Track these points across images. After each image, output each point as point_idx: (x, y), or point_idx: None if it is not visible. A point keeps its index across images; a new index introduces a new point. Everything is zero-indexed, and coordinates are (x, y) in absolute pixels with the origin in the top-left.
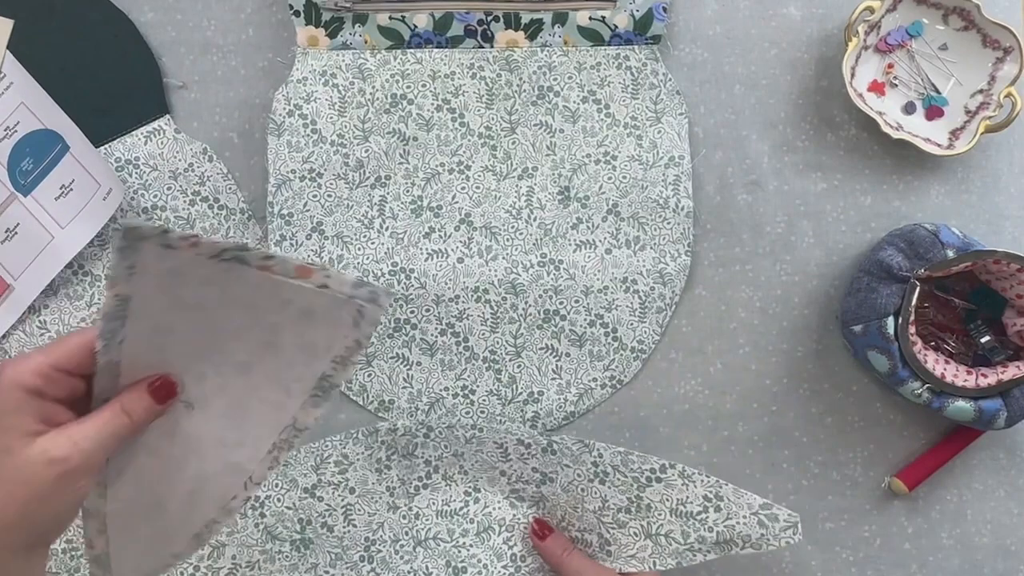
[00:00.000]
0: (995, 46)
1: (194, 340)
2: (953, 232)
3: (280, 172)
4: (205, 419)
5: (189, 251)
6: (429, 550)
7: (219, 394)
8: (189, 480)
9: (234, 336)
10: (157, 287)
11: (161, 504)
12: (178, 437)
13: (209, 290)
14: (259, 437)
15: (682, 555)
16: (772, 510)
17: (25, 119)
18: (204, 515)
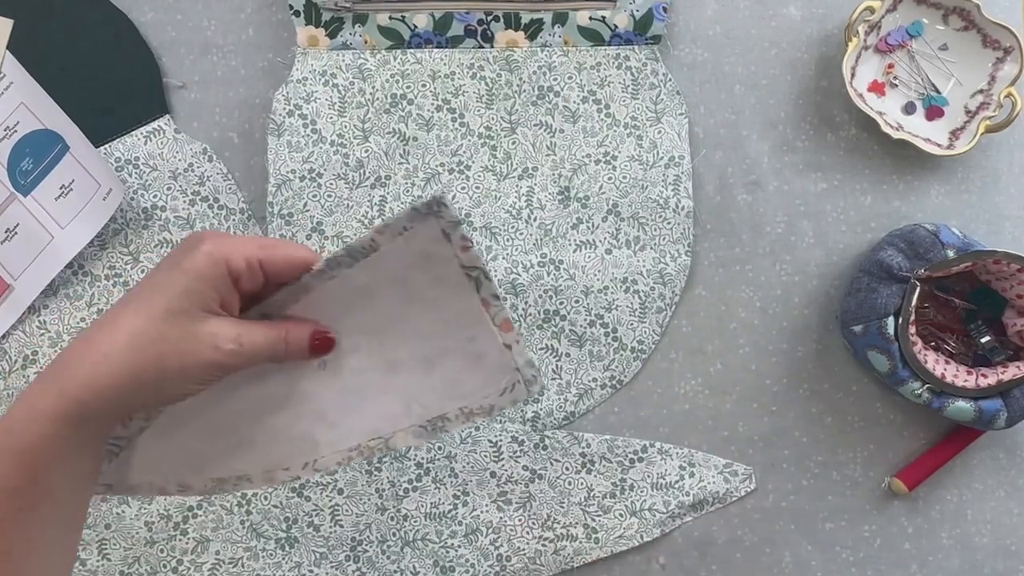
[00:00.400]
0: (995, 46)
1: (377, 317)
2: (953, 232)
3: (280, 172)
4: (323, 385)
5: (453, 250)
6: (417, 550)
7: (353, 374)
8: (261, 425)
9: (408, 335)
10: (400, 259)
11: (216, 431)
12: (284, 379)
13: (429, 289)
14: (352, 430)
15: (664, 523)
16: (732, 467)
17: (25, 119)
18: (244, 466)
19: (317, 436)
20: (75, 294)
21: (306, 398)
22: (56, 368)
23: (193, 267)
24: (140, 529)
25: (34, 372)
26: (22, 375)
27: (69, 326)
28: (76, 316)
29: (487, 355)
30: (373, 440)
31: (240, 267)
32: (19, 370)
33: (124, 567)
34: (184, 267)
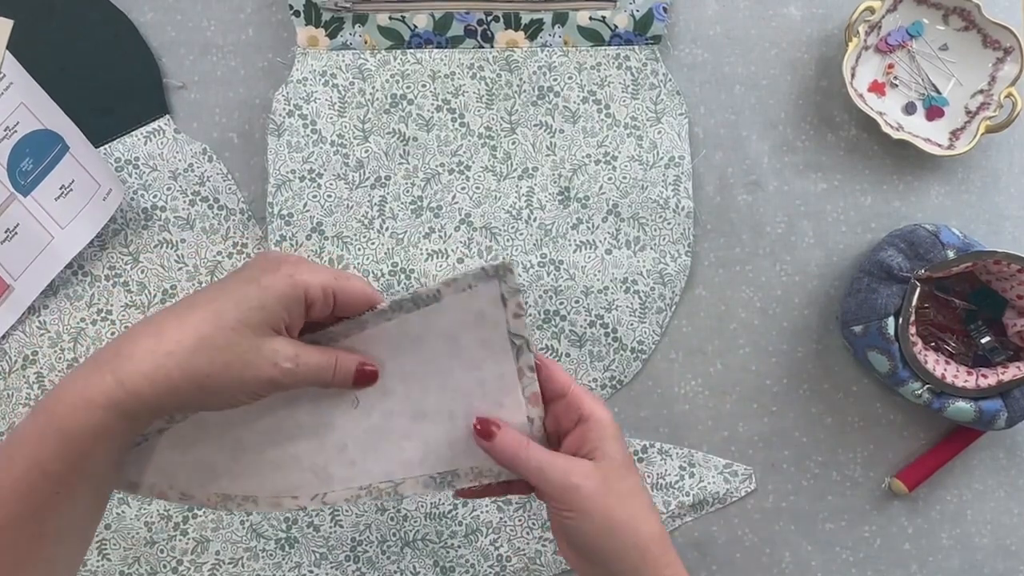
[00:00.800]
0: (995, 46)
1: (420, 366)
2: (953, 232)
3: (280, 172)
4: (352, 422)
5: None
6: (417, 550)
7: (383, 416)
8: (283, 450)
9: (443, 388)
10: (457, 314)
11: (238, 447)
12: (316, 410)
13: (476, 349)
14: (368, 470)
15: (664, 523)
16: (732, 467)
17: (25, 119)
18: (255, 488)
19: (333, 471)
20: (75, 294)
21: (332, 431)
22: (113, 355)
23: (273, 286)
24: (140, 529)
25: (34, 372)
26: (22, 375)
27: (69, 326)
28: (76, 316)
29: (509, 422)
30: (384, 483)
31: (317, 295)
32: (19, 370)
33: (124, 567)
34: (263, 284)
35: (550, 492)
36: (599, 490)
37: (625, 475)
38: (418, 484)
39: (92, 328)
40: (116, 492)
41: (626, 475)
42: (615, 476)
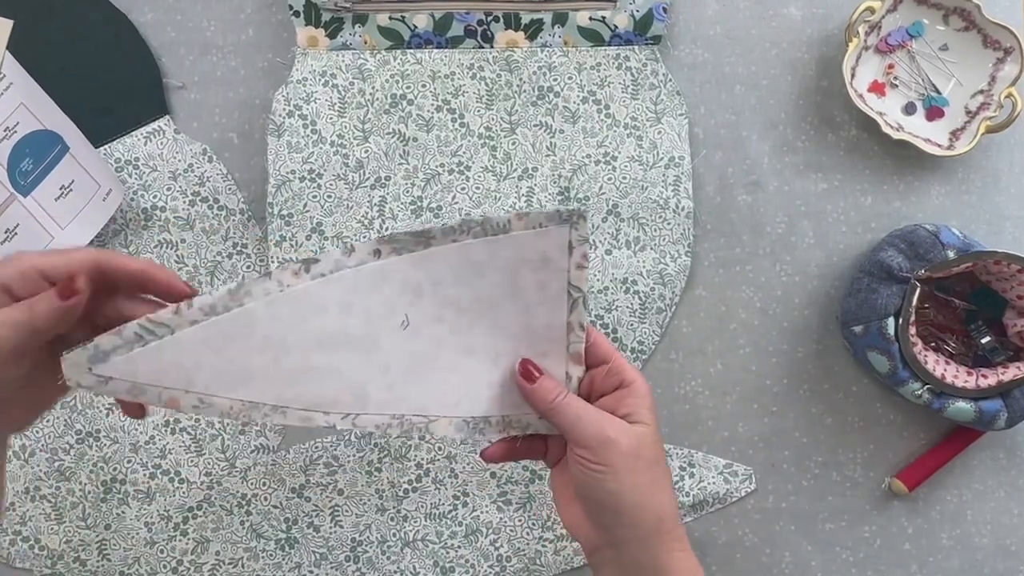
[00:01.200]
0: (995, 46)
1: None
2: (953, 233)
3: (280, 173)
4: (399, 343)
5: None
6: (417, 551)
7: (430, 342)
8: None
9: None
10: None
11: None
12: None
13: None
14: (405, 398)
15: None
16: (733, 467)
17: (25, 119)
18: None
19: (371, 391)
20: None
21: (378, 348)
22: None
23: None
24: (140, 529)
25: None
26: None
27: None
28: None
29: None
30: (418, 416)
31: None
32: None
33: (124, 567)
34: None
35: (585, 442)
36: (632, 450)
37: (656, 444)
38: (451, 425)
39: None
40: (118, 493)
41: (657, 444)
42: (648, 443)
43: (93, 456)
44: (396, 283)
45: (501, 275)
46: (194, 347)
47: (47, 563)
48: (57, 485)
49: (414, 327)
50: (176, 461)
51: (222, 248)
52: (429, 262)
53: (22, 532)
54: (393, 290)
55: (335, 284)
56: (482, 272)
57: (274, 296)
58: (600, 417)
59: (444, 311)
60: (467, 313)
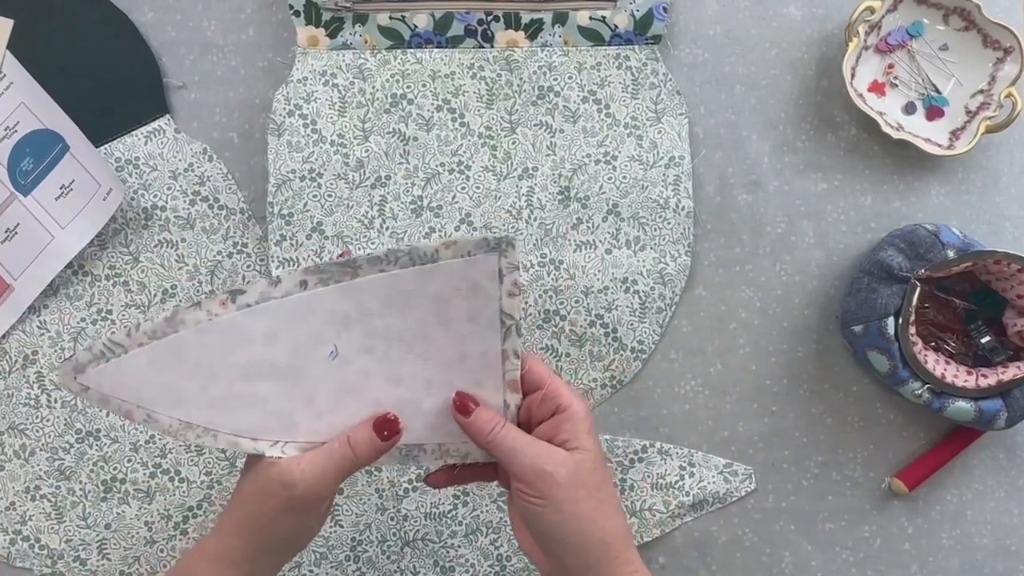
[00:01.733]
0: (995, 46)
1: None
2: (953, 232)
3: (280, 172)
4: (326, 374)
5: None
6: (417, 550)
7: (357, 373)
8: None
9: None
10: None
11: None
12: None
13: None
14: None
15: (664, 523)
16: (733, 467)
17: (25, 119)
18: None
19: (298, 420)
20: (75, 294)
21: (304, 378)
22: None
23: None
24: (140, 529)
25: (34, 372)
26: (22, 375)
27: (69, 326)
28: (76, 316)
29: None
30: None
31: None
32: (19, 370)
33: (124, 567)
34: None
35: (522, 476)
36: (571, 480)
37: (597, 469)
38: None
39: (92, 328)
40: (118, 492)
41: (598, 469)
42: (587, 468)
43: (93, 455)
44: (323, 313)
45: (431, 305)
46: (140, 367)
47: (47, 562)
48: (57, 484)
49: (343, 358)
50: (176, 461)
51: (222, 248)
52: (357, 292)
53: (22, 532)
54: (320, 321)
55: (261, 315)
56: (411, 302)
57: (203, 325)
58: (536, 449)
59: (373, 341)
60: (397, 343)
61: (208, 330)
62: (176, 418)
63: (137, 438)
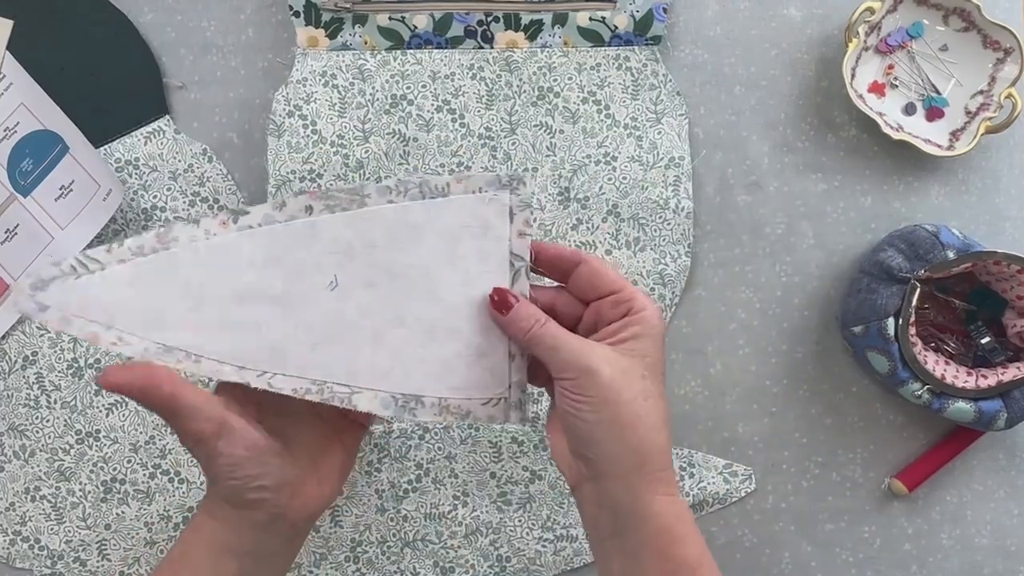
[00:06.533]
0: (995, 47)
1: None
2: (953, 233)
3: (280, 173)
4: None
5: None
6: (417, 551)
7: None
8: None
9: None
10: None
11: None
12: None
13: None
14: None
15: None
16: (732, 468)
17: (25, 119)
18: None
19: (290, 350)
20: None
21: (301, 308)
22: None
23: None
24: (140, 529)
25: (34, 372)
26: (22, 375)
27: None
28: None
29: (490, 356)
30: (340, 385)
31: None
32: (19, 370)
33: (124, 567)
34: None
35: (563, 371)
36: (617, 381)
37: (649, 378)
38: (376, 400)
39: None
40: (118, 493)
41: (650, 378)
42: (636, 374)
43: (93, 456)
44: (326, 241)
45: (440, 241)
46: (119, 285)
47: (47, 563)
48: (57, 485)
49: (343, 289)
50: (176, 461)
51: None
52: (363, 222)
53: (22, 532)
54: (322, 248)
55: (262, 237)
56: (419, 236)
57: (199, 244)
58: (580, 345)
59: (376, 275)
60: (401, 280)
61: (204, 249)
62: (155, 341)
63: (137, 439)
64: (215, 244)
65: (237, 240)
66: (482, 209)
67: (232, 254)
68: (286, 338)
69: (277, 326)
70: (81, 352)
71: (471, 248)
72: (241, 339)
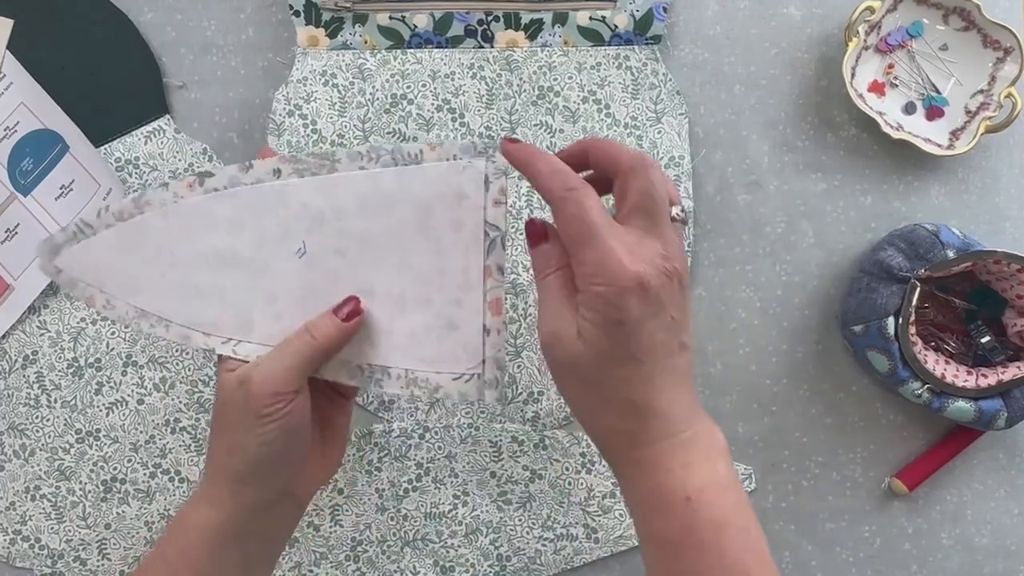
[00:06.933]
0: (995, 46)
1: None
2: (953, 232)
3: None
4: (292, 272)
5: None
6: (417, 550)
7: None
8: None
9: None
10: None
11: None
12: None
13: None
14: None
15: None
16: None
17: (25, 119)
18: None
19: (255, 318)
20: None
21: (267, 274)
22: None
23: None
24: (140, 529)
25: (34, 372)
26: (22, 375)
27: (69, 326)
28: (76, 316)
29: (462, 328)
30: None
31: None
32: (19, 370)
33: (124, 566)
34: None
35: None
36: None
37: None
38: (342, 369)
39: (92, 328)
40: (118, 492)
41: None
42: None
43: (93, 456)
44: (295, 206)
45: (411, 209)
46: (106, 250)
47: (47, 563)
48: (57, 485)
49: (311, 256)
50: (176, 461)
51: None
52: (333, 188)
53: (22, 532)
54: (291, 214)
55: (228, 200)
56: (390, 204)
57: (169, 207)
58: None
59: (346, 243)
60: (371, 249)
61: (172, 213)
62: (133, 305)
63: (137, 438)
64: (183, 207)
65: (204, 203)
66: (456, 177)
67: (198, 218)
68: (252, 305)
69: (242, 292)
70: (81, 352)
71: (444, 217)
72: (207, 305)
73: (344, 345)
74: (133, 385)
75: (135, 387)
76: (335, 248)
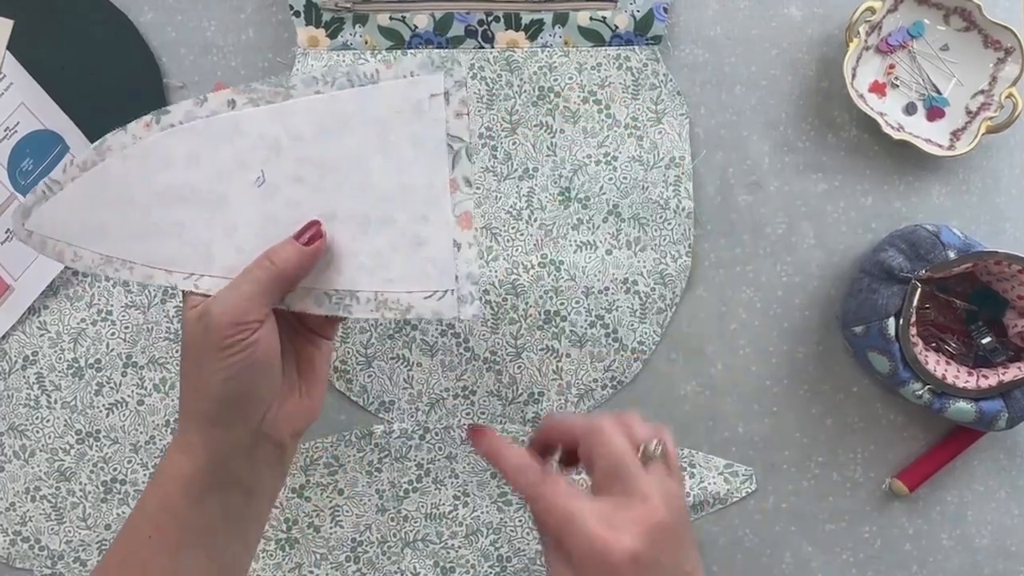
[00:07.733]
0: (996, 47)
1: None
2: (954, 233)
3: None
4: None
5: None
6: (417, 551)
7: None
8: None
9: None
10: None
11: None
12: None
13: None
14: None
15: None
16: (733, 468)
17: (25, 119)
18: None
19: (215, 251)
20: (75, 294)
21: (226, 206)
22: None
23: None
24: None
25: (34, 372)
26: (22, 375)
27: (69, 326)
28: (76, 316)
29: (430, 244)
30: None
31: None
32: (19, 370)
33: None
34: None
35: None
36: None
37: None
38: (308, 297)
39: (92, 328)
40: (118, 493)
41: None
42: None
43: (93, 456)
44: (251, 136)
45: (370, 129)
46: (72, 202)
47: (47, 563)
48: (57, 485)
49: (270, 185)
50: None
51: None
52: (289, 115)
53: (22, 532)
54: (247, 144)
55: (184, 135)
56: (348, 127)
57: (129, 150)
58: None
59: (304, 170)
60: (331, 173)
61: (131, 155)
62: (98, 252)
63: (137, 439)
64: (141, 147)
65: (161, 140)
66: (414, 92)
67: (156, 155)
68: (212, 238)
69: (200, 226)
70: (81, 352)
71: (404, 133)
72: (165, 242)
73: (308, 271)
74: (133, 386)
75: (135, 388)
76: (294, 175)
